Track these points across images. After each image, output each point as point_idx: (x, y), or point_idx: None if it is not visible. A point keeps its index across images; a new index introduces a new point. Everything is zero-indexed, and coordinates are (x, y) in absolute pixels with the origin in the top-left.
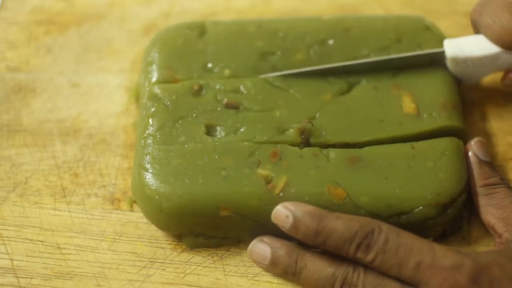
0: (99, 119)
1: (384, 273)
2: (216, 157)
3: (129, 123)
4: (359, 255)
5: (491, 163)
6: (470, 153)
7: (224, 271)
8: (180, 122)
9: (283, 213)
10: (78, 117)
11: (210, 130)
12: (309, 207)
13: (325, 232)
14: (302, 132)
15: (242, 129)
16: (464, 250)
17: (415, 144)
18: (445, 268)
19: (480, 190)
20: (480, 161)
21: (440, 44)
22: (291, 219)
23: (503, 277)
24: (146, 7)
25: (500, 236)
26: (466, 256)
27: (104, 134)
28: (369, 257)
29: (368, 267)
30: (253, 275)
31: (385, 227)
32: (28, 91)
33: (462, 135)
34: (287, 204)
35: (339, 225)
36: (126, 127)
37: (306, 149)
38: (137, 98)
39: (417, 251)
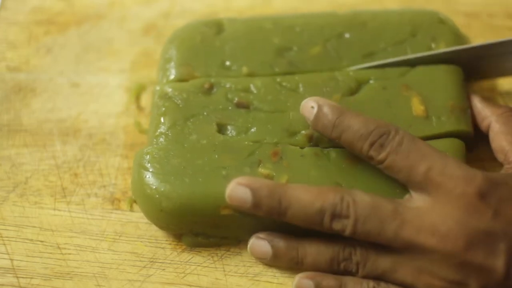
0: (99, 119)
1: (393, 176)
2: (216, 156)
3: (129, 123)
4: (372, 153)
5: None
6: (475, 97)
7: (224, 271)
8: (191, 120)
9: (309, 104)
10: (78, 117)
11: (221, 129)
12: (333, 102)
13: (343, 126)
14: (310, 138)
15: (252, 130)
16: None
17: None
18: (456, 177)
19: (498, 118)
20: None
21: (455, 38)
22: (315, 110)
23: (511, 198)
24: (146, 7)
25: (510, 162)
26: (479, 171)
27: (104, 134)
28: (381, 156)
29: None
30: (253, 275)
31: (402, 130)
32: (28, 91)
33: (468, 138)
34: (315, 97)
35: (357, 122)
36: (126, 127)
37: (307, 149)
38: (137, 98)
39: (429, 158)
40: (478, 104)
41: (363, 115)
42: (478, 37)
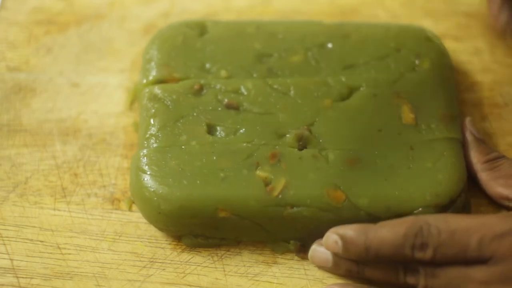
0: (99, 119)
1: (448, 263)
2: (214, 158)
3: (129, 123)
4: (417, 255)
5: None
6: (466, 133)
7: (224, 271)
8: (181, 121)
9: (332, 239)
10: (78, 117)
11: (211, 130)
12: (353, 225)
13: (375, 244)
14: (299, 138)
15: (241, 131)
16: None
17: (414, 145)
18: (507, 233)
19: (483, 166)
20: (477, 139)
21: (441, 56)
22: (340, 242)
23: None
24: (146, 7)
25: None
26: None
27: (104, 134)
28: (428, 254)
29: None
30: (253, 275)
31: (431, 219)
32: (28, 91)
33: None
34: (333, 229)
35: (386, 233)
36: (126, 127)
37: (305, 151)
38: (136, 98)
39: (473, 230)
40: (469, 143)
41: (385, 223)
42: (478, 37)
